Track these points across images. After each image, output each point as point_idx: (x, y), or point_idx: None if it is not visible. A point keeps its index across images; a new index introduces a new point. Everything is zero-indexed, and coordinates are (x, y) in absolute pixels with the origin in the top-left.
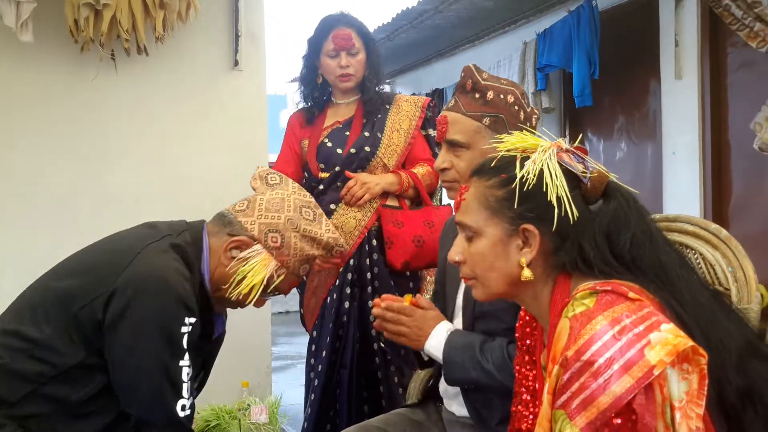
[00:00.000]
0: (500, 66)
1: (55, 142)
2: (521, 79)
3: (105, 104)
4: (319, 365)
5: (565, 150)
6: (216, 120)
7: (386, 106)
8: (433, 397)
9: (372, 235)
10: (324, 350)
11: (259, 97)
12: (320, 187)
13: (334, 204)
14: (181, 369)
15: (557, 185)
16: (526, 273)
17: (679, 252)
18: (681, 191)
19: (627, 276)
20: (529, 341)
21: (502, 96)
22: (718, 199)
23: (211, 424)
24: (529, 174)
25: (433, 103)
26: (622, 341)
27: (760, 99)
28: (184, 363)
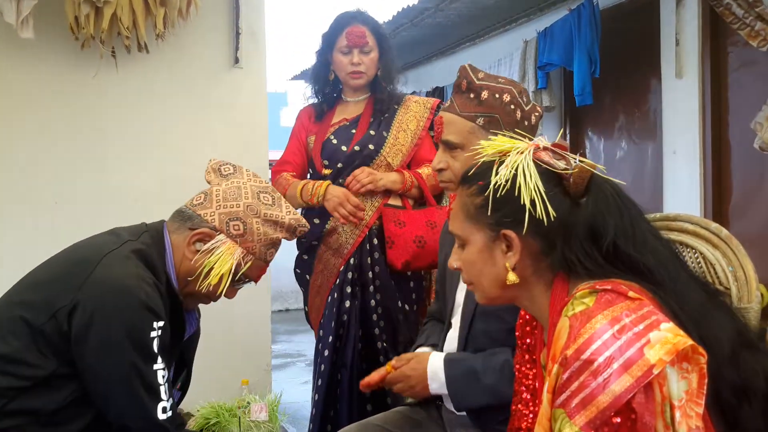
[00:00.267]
0: (501, 64)
1: (54, 139)
2: (522, 78)
3: (105, 101)
4: (322, 365)
5: (543, 148)
6: (216, 117)
7: (395, 106)
8: (433, 395)
9: (373, 233)
10: (327, 350)
11: (259, 95)
12: None
13: None
14: (156, 373)
15: (530, 188)
16: (511, 277)
17: (670, 245)
18: (681, 190)
19: (616, 273)
20: (529, 340)
21: (497, 95)
22: (719, 198)
23: (210, 422)
24: (501, 180)
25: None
26: (621, 340)
27: (760, 98)
28: (158, 366)
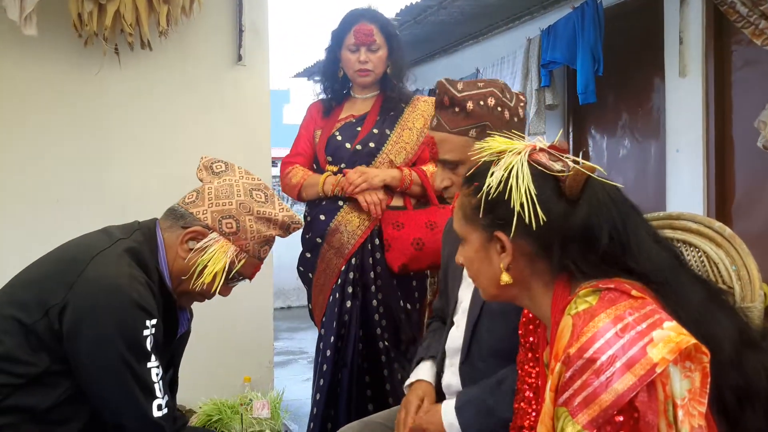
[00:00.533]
0: (504, 62)
1: (56, 137)
2: (525, 76)
3: (108, 98)
4: (324, 364)
5: (540, 150)
6: (219, 115)
7: (402, 105)
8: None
9: (375, 234)
10: (328, 350)
11: (262, 92)
12: None
13: (342, 201)
14: (150, 370)
15: (521, 191)
16: (504, 277)
17: (671, 247)
18: (684, 189)
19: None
20: (532, 338)
21: (482, 102)
22: (722, 197)
23: (213, 419)
24: (494, 182)
25: None
26: (624, 339)
27: (764, 97)
28: (151, 364)
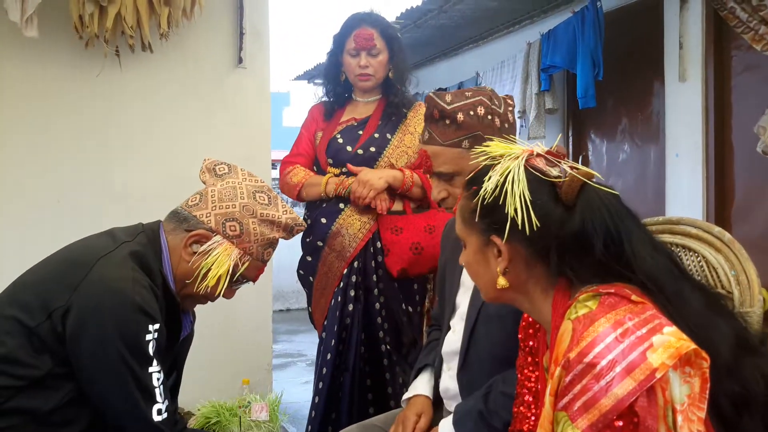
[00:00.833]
0: (504, 66)
1: (58, 138)
2: (525, 80)
3: (109, 100)
4: (324, 368)
5: (537, 155)
6: (219, 117)
7: (404, 109)
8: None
9: (377, 237)
10: (329, 353)
11: (262, 95)
12: None
13: (343, 204)
14: (151, 375)
15: (516, 196)
16: (501, 281)
17: (668, 253)
18: (684, 194)
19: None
20: (531, 342)
21: (472, 113)
22: (721, 202)
23: (211, 421)
24: (490, 187)
25: None
26: (624, 344)
27: (764, 102)
28: (153, 369)
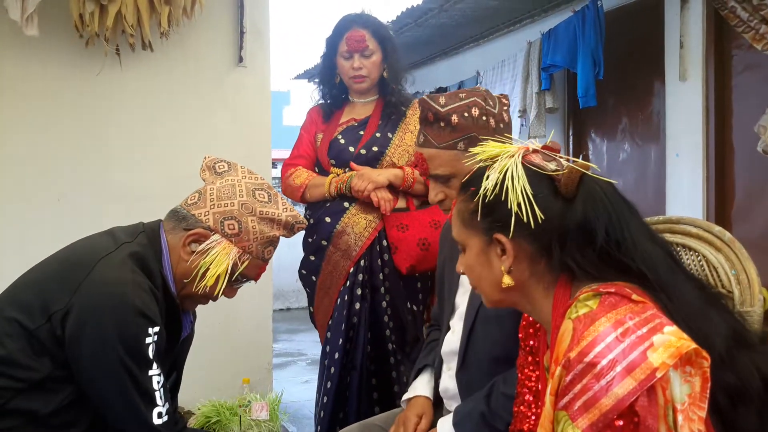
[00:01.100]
0: (504, 65)
1: (58, 137)
2: (525, 79)
3: (109, 99)
4: (332, 367)
5: (533, 151)
6: (220, 116)
7: (403, 108)
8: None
9: (383, 235)
10: (337, 352)
11: (263, 94)
12: None
13: (348, 203)
14: (151, 378)
15: (517, 192)
16: (506, 280)
17: (665, 244)
18: (684, 193)
19: (613, 276)
20: (532, 342)
21: (466, 114)
22: (722, 202)
23: (211, 420)
24: (490, 184)
25: None
26: (625, 343)
27: (764, 101)
28: (153, 372)
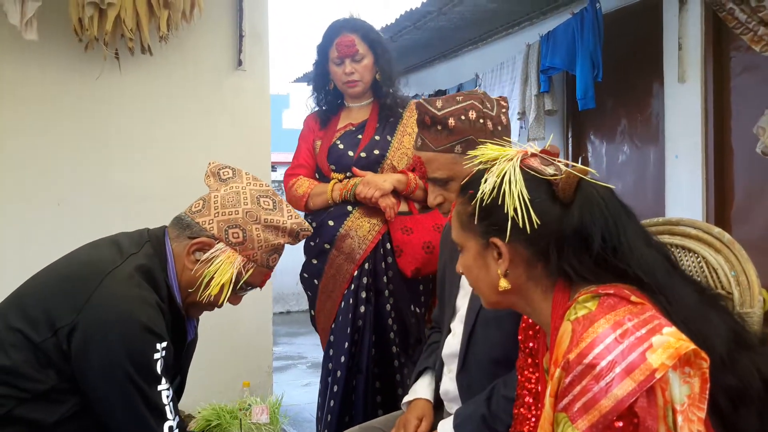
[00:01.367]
0: (503, 68)
1: (58, 141)
2: (524, 82)
3: (109, 103)
4: (338, 371)
5: (532, 155)
6: (219, 119)
7: (400, 110)
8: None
9: (386, 238)
10: (342, 356)
11: (262, 97)
12: None
13: (351, 206)
14: (160, 393)
15: (514, 196)
16: (503, 283)
17: (663, 248)
18: (683, 195)
19: (610, 279)
20: (531, 344)
21: (463, 117)
22: (721, 203)
23: (212, 424)
24: (487, 188)
25: None
26: (624, 344)
27: (763, 103)
28: (162, 387)
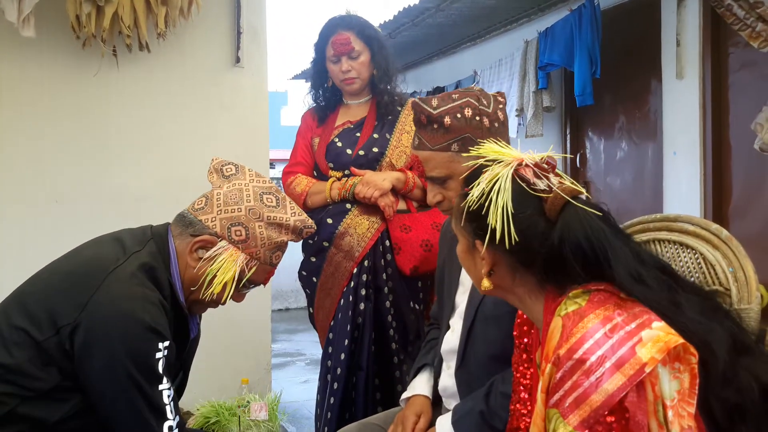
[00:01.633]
0: (502, 64)
1: (55, 138)
2: (522, 78)
3: (106, 100)
4: (338, 368)
5: (525, 166)
6: (217, 117)
7: (398, 108)
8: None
9: (385, 236)
10: (342, 353)
11: (260, 94)
12: None
13: (350, 204)
14: (161, 393)
15: (498, 208)
16: (485, 283)
17: (658, 262)
18: (681, 191)
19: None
20: (526, 339)
21: (459, 115)
22: (719, 199)
23: (210, 421)
24: (475, 195)
25: None
26: (613, 339)
27: (761, 99)
28: (163, 387)
